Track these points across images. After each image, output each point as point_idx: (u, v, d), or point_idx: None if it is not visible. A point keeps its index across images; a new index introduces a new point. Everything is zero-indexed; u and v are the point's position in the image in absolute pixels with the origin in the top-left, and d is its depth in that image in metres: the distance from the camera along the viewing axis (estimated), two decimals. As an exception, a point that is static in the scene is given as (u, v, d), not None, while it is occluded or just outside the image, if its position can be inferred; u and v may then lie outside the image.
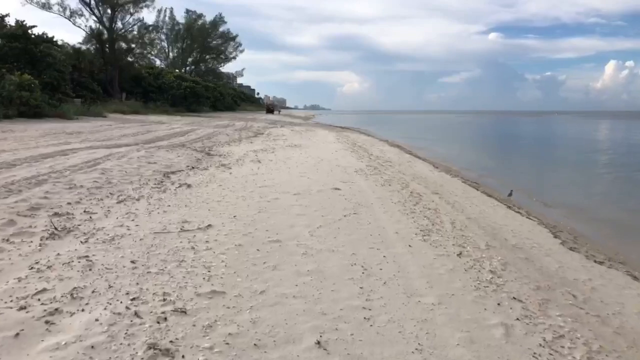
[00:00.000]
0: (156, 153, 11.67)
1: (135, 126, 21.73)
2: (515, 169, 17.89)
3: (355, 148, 18.18)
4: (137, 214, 5.93)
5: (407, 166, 13.82)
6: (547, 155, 23.55)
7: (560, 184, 14.45)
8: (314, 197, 7.68)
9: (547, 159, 21.77)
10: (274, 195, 7.64)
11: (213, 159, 11.96)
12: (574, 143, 33.75)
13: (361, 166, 12.23)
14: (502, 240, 6.00)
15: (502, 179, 14.50)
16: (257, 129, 26.91)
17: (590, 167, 19.01)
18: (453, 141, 33.01)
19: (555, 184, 14.54)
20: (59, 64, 29.57)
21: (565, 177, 16.26)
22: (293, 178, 9.53)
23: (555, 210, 9.90)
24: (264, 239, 5.13)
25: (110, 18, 47.71)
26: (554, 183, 14.72)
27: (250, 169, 10.47)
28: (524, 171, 17.51)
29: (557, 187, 13.80)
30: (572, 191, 13.23)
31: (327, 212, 6.60)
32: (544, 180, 15.31)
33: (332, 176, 10.07)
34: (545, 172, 17.48)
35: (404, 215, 6.74)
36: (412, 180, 10.55)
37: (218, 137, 19.23)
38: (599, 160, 21.63)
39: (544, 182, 14.98)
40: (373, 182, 9.70)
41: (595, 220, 9.22)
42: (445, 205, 7.92)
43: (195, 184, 8.20)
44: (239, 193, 7.64)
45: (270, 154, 13.88)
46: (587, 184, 14.77)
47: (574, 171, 17.68)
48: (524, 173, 16.81)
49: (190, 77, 62.47)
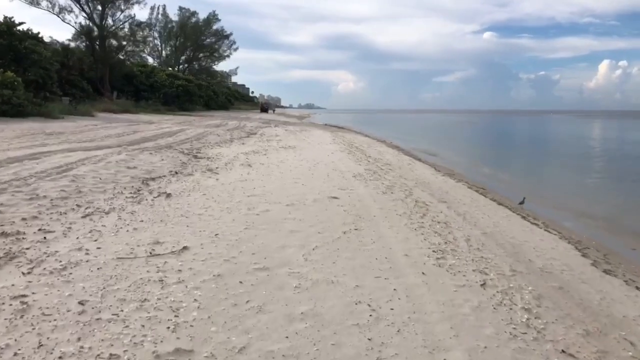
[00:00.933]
0: (138, 156, 10.78)
1: (123, 126, 20.80)
2: (521, 171, 17.13)
3: (352, 149, 17.35)
4: (103, 232, 5.06)
5: (407, 169, 13.00)
6: (552, 157, 22.81)
7: (570, 187, 13.69)
8: (309, 208, 6.83)
9: (553, 160, 21.01)
10: (264, 206, 6.78)
11: (200, 162, 11.07)
12: (578, 143, 33.07)
13: (360, 170, 11.39)
14: (527, 263, 5.17)
15: (508, 182, 13.73)
16: (250, 129, 26.02)
17: (598, 169, 18.28)
18: (453, 142, 32.26)
19: (564, 187, 13.77)
20: (44, 61, 28.49)
21: (573, 179, 15.50)
22: (286, 185, 8.68)
23: (570, 216, 9.16)
24: (249, 266, 4.28)
25: (101, 15, 46.53)
26: (563, 186, 13.95)
27: (239, 174, 9.60)
28: (531, 173, 16.74)
29: (568, 190, 13.02)
30: (583, 195, 12.51)
31: (324, 228, 5.76)
32: (553, 183, 14.53)
33: (328, 182, 9.23)
34: (553, 174, 16.74)
35: (412, 231, 5.91)
36: (415, 187, 9.72)
37: (208, 137, 18.33)
38: (606, 162, 20.91)
39: (552, 185, 14.21)
40: (373, 188, 8.87)
41: (615, 229, 8.47)
42: (455, 217, 7.09)
43: (176, 193, 7.33)
44: (224, 204, 6.77)
45: (262, 157, 13.02)
46: (597, 187, 14.03)
47: (583, 174, 16.92)
48: (531, 176, 16.05)
49: (183, 76, 61.37)
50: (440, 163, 16.85)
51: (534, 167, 18.74)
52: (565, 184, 15.13)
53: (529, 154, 24.63)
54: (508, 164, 19.34)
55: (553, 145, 32.39)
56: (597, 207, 10.59)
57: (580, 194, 12.89)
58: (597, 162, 20.57)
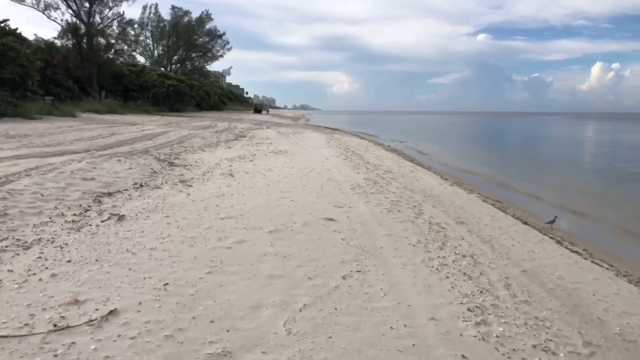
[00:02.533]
0: (102, 164, 9.27)
1: (101, 128, 19.24)
2: (532, 176, 15.66)
3: (348, 154, 15.89)
4: (3, 283, 3.58)
5: (411, 178, 11.55)
6: (561, 159, 21.40)
7: (587, 193, 12.27)
8: (298, 236, 5.36)
9: (564, 163, 19.59)
10: (240, 234, 5.31)
11: (174, 171, 9.58)
12: (582, 146, 31.80)
13: (358, 180, 9.94)
14: (598, 324, 3.72)
15: (522, 189, 12.30)
16: (240, 131, 24.51)
17: (613, 172, 16.89)
18: (453, 145, 30.90)
19: (582, 193, 12.31)
20: (23, 58, 26.86)
21: (590, 184, 14.08)
22: (272, 201, 7.20)
23: (594, 225, 7.79)
24: (201, 350, 2.81)
25: (88, 12, 44.85)
26: (581, 192, 12.51)
27: (217, 186, 8.11)
28: (544, 179, 15.30)
29: (587, 197, 11.59)
30: (594, 196, 11.23)
31: (317, 270, 4.30)
32: (570, 189, 13.04)
33: (323, 197, 7.76)
34: (567, 179, 15.30)
35: (433, 273, 4.45)
36: (424, 201, 8.28)
37: (192, 140, 16.81)
38: (618, 164, 19.52)
39: (569, 191, 12.72)
40: (377, 205, 7.41)
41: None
42: (482, 247, 5.65)
43: (131, 215, 5.85)
44: (189, 231, 5.29)
45: (247, 164, 11.54)
46: (618, 193, 12.61)
47: (600, 178, 15.54)
48: (545, 181, 14.59)
49: (175, 76, 59.80)
50: (444, 169, 15.43)
51: (550, 170, 17.36)
52: (572, 183, 13.89)
53: (539, 157, 23.25)
54: (513, 167, 17.91)
55: (552, 146, 31.13)
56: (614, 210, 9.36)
57: (590, 195, 11.64)
58: (605, 163, 19.22)
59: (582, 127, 69.14)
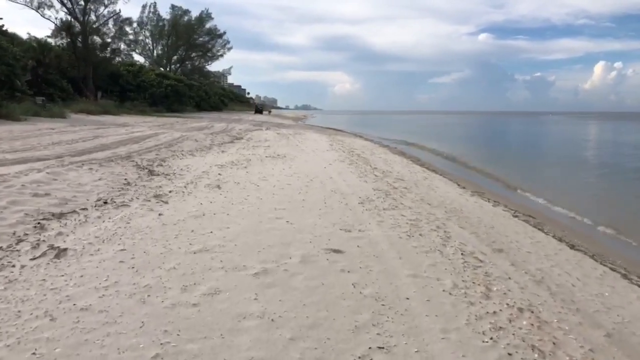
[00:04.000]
0: (66, 174, 7.89)
1: (86, 130, 17.87)
2: (559, 183, 14.20)
3: (353, 158, 14.50)
4: None
5: (426, 187, 10.15)
6: (586, 163, 19.86)
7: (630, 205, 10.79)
8: (293, 281, 3.96)
9: (591, 167, 18.05)
10: (215, 277, 3.92)
11: (152, 182, 8.19)
12: (603, 147, 30.26)
13: (367, 191, 8.55)
14: None
15: (550, 198, 10.85)
16: (238, 132, 23.15)
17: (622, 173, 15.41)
18: (461, 146, 29.46)
19: (625, 205, 10.82)
20: (9, 56, 25.54)
21: (597, 184, 12.63)
22: (263, 223, 5.81)
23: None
24: None
25: (83, 10, 43.53)
26: (622, 204, 11.01)
27: (198, 202, 6.73)
28: (575, 186, 13.78)
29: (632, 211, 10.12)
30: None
31: (319, 346, 2.91)
32: (608, 200, 11.55)
33: (326, 215, 6.38)
34: (598, 186, 13.85)
35: (489, 348, 3.06)
36: (448, 219, 6.88)
37: (183, 143, 15.43)
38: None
39: (607, 202, 11.24)
40: (392, 227, 6.01)
41: None
42: (537, 290, 4.25)
43: (76, 248, 4.46)
44: (145, 275, 3.91)
45: (240, 171, 10.16)
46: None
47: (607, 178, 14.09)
48: (576, 189, 13.09)
49: (173, 76, 58.46)
50: (458, 172, 14.02)
51: (566, 173, 15.91)
52: (605, 192, 12.42)
53: (555, 160, 21.74)
54: (533, 170, 16.47)
55: (569, 147, 29.56)
56: None
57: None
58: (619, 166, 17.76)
59: (591, 126, 67.53)
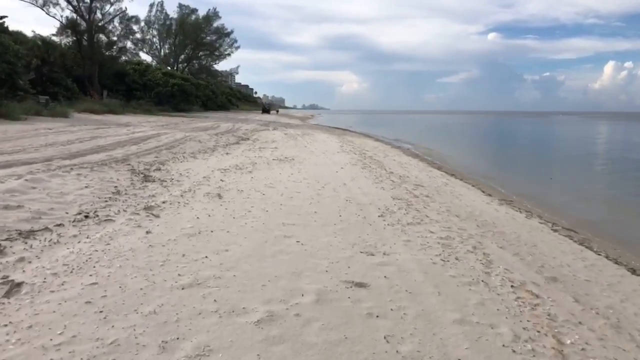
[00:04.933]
0: (48, 182, 7.02)
1: (86, 130, 17.07)
2: (590, 190, 13.14)
3: (366, 161, 13.56)
4: None
5: (450, 195, 9.20)
6: (613, 165, 18.71)
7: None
8: (307, 334, 3.02)
9: (619, 170, 16.92)
10: (205, 327, 3.01)
11: (145, 190, 7.30)
12: (628, 149, 29.01)
13: (386, 200, 7.61)
14: None
15: (586, 208, 9.84)
16: (244, 133, 22.28)
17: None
18: (474, 148, 28.42)
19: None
20: (10, 54, 24.84)
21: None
22: (268, 244, 4.89)
23: None
24: None
25: (88, 7, 42.88)
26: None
27: (194, 216, 5.82)
28: (609, 194, 12.71)
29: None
30: None
31: None
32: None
33: (343, 233, 5.45)
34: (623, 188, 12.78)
35: None
36: (482, 235, 5.93)
37: (185, 145, 14.57)
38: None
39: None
40: (422, 247, 5.07)
41: None
42: (618, 341, 3.30)
43: (35, 282, 3.57)
44: (114, 324, 3.00)
45: (245, 176, 9.26)
46: None
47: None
48: (612, 197, 12.03)
49: (180, 75, 57.79)
50: (477, 176, 13.03)
51: (598, 179, 14.85)
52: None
53: (576, 161, 20.61)
54: (562, 175, 15.44)
55: (593, 151, 28.31)
56: None
57: None
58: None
59: (609, 127, 65.89)
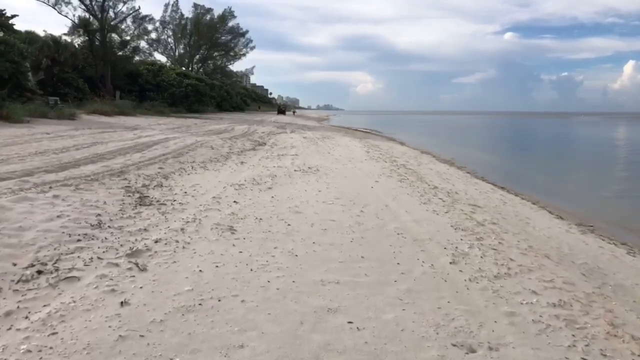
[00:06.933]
0: (8, 210, 5.37)
1: (87, 135, 15.54)
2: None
3: (400, 171, 11.77)
4: None
5: (516, 219, 7.38)
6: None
7: None
8: None
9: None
10: None
11: (136, 219, 5.61)
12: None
13: (447, 231, 5.84)
14: None
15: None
16: (260, 136, 20.63)
17: None
18: (508, 153, 26.41)
19: None
20: (15, 52, 23.54)
21: None
22: (304, 329, 3.15)
23: None
24: None
25: (101, 6, 41.72)
26: None
27: (195, 267, 4.11)
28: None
29: None
30: None
31: None
32: None
33: (411, 298, 3.69)
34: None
35: None
36: (602, 296, 4.13)
37: (195, 152, 12.92)
38: None
39: None
40: (540, 332, 3.30)
41: None
42: None
43: None
44: None
45: (264, 194, 7.56)
46: None
47: None
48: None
49: (194, 75, 56.55)
50: (528, 191, 11.15)
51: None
52: None
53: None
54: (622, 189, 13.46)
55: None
56: None
57: None
58: None
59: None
